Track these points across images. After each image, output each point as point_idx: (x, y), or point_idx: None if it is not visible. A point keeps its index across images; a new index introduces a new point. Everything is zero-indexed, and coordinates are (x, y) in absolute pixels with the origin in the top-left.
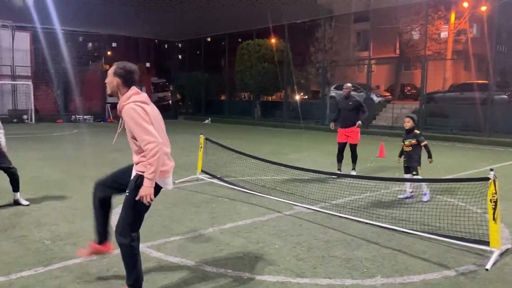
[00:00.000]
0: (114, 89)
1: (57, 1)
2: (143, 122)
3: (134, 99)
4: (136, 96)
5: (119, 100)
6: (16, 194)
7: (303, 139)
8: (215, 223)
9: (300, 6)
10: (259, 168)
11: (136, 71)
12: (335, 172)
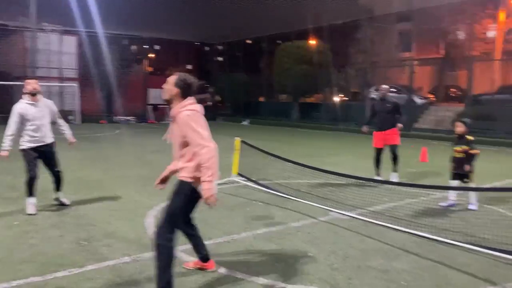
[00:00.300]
0: (171, 97)
1: (102, 6)
2: (199, 128)
3: (190, 107)
4: (192, 105)
5: (173, 107)
6: (59, 193)
7: (342, 142)
8: (249, 228)
9: (340, 7)
10: (294, 171)
11: (195, 84)
12: (373, 179)
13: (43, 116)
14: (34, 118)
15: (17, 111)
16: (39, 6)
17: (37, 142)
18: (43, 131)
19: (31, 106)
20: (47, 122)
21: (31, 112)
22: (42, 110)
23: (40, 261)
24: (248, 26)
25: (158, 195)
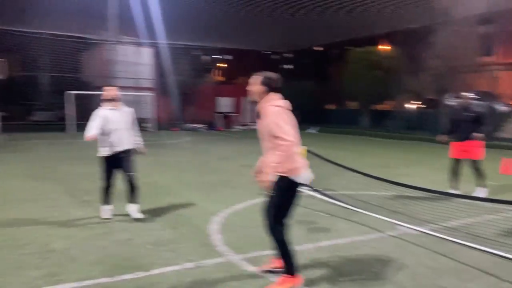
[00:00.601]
0: (258, 96)
1: (176, 19)
2: (281, 122)
3: (275, 103)
4: (277, 101)
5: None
6: (131, 205)
7: (415, 152)
8: (312, 240)
9: (415, 11)
10: (362, 182)
11: (277, 79)
12: (448, 192)
13: (122, 122)
14: (114, 123)
15: (98, 115)
16: (118, 20)
17: (115, 148)
18: (121, 137)
19: (111, 111)
20: (126, 128)
21: (111, 117)
22: (122, 116)
23: (110, 263)
24: (317, 33)
25: (223, 202)
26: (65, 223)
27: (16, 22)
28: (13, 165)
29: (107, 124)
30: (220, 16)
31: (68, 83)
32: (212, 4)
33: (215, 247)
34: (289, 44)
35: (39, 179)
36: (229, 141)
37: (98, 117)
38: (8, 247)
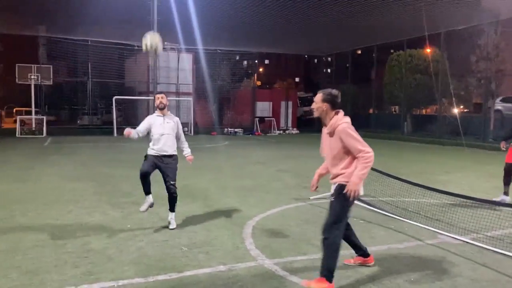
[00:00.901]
0: (322, 113)
1: (216, 26)
2: (357, 137)
3: (345, 120)
4: (346, 118)
5: (325, 122)
6: (170, 214)
7: (459, 158)
8: (347, 246)
9: (461, 12)
10: (401, 188)
11: (339, 96)
12: (492, 200)
13: (165, 128)
14: (158, 129)
15: (147, 119)
16: (160, 27)
17: (158, 152)
18: (164, 143)
19: (158, 117)
20: (170, 135)
21: (156, 123)
22: (167, 123)
23: (145, 263)
24: (358, 36)
25: (258, 206)
26: (104, 223)
27: (63, 30)
28: (58, 167)
29: (152, 128)
30: (259, 21)
31: (112, 88)
32: (251, 9)
33: (249, 251)
34: (329, 47)
35: (81, 181)
36: (266, 146)
37: (146, 120)
38: (49, 246)
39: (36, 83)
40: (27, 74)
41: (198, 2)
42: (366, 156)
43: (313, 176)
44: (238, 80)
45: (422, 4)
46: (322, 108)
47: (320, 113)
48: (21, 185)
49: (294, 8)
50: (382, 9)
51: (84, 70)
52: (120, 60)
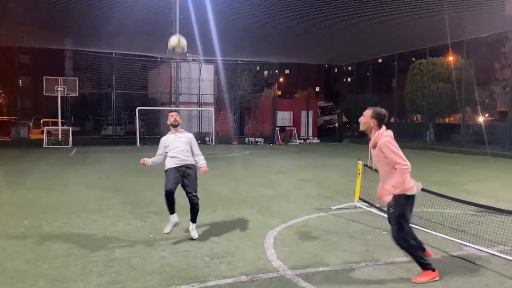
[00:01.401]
0: (369, 127)
1: (237, 37)
2: (397, 150)
3: (387, 133)
4: (388, 131)
5: (370, 136)
6: (192, 225)
7: (484, 167)
8: (369, 257)
9: (484, 19)
10: (424, 199)
11: (386, 115)
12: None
13: (179, 142)
14: (173, 145)
15: (161, 142)
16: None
17: (178, 163)
18: (183, 155)
19: (170, 135)
20: (184, 148)
21: (170, 140)
22: (179, 138)
23: (167, 273)
24: (379, 45)
25: (280, 216)
26: (128, 232)
27: (89, 43)
28: (83, 176)
29: (168, 146)
30: (279, 32)
31: (136, 99)
32: (271, 21)
33: (270, 261)
34: (349, 57)
35: (106, 190)
36: (287, 155)
37: (161, 142)
38: (75, 255)
39: (62, 95)
40: (54, 86)
41: (219, 15)
42: (401, 168)
43: (334, 185)
44: (258, 90)
45: (444, 12)
46: (370, 123)
47: (367, 128)
48: (48, 194)
49: (314, 18)
50: (404, 18)
51: (109, 81)
52: (143, 71)
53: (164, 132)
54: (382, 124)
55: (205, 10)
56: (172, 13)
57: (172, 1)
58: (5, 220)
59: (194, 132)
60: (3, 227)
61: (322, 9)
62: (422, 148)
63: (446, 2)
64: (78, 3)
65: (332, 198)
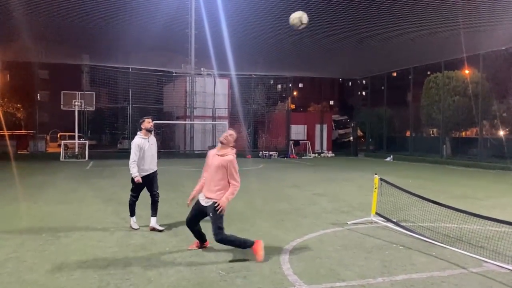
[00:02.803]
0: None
1: (251, 52)
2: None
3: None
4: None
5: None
6: (152, 219)
7: (503, 182)
8: (386, 273)
9: (500, 32)
10: (442, 213)
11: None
12: None
13: (152, 149)
14: (148, 152)
15: (136, 143)
16: (198, 54)
17: (146, 172)
18: (151, 162)
19: (145, 140)
20: (154, 154)
21: (145, 146)
22: (152, 146)
23: (183, 287)
24: (393, 59)
25: (295, 231)
26: (144, 246)
27: (106, 58)
28: (100, 190)
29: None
30: (293, 46)
31: (151, 113)
32: (285, 36)
33: (286, 276)
34: (364, 70)
35: (122, 204)
36: (301, 169)
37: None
38: (93, 267)
39: (79, 109)
40: (71, 101)
41: (233, 30)
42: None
43: (350, 200)
44: (272, 104)
45: (460, 26)
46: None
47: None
48: (65, 207)
49: (328, 33)
50: (419, 32)
51: (125, 96)
52: (159, 86)
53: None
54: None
55: (219, 25)
56: (187, 29)
57: (187, 17)
58: (24, 233)
59: (209, 146)
60: (22, 239)
61: (336, 24)
62: (438, 163)
63: (462, 16)
64: (96, 20)
65: (348, 212)
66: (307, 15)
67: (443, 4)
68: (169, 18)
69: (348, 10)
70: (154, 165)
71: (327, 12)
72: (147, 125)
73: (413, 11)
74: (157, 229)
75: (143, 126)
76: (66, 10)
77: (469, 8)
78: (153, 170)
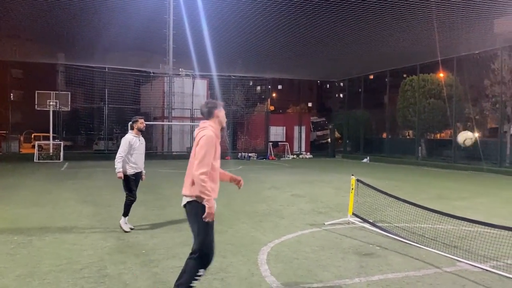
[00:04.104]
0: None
1: (230, 53)
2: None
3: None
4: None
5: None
6: (123, 218)
7: (476, 183)
8: (363, 273)
9: (474, 37)
10: (417, 214)
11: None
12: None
13: (142, 148)
14: (139, 150)
15: (128, 139)
16: (176, 54)
17: (136, 169)
18: (141, 162)
19: (136, 138)
20: (143, 153)
21: (136, 144)
22: (142, 145)
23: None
24: (371, 62)
25: (273, 232)
26: (120, 248)
27: (82, 58)
28: (74, 192)
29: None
30: (273, 48)
31: (128, 114)
32: (264, 38)
33: (264, 277)
34: (342, 73)
35: (97, 205)
36: (280, 170)
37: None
38: (66, 271)
39: (54, 109)
40: (46, 101)
41: (213, 31)
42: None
43: (327, 201)
44: (251, 105)
45: (435, 30)
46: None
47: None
48: (39, 210)
49: (307, 36)
50: (395, 35)
51: (101, 96)
52: (136, 86)
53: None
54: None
55: (198, 25)
56: (165, 29)
57: (166, 17)
58: None
59: (187, 147)
60: None
61: (315, 27)
62: (413, 164)
63: (436, 21)
64: (73, 20)
65: (326, 213)
66: None
67: (419, 9)
68: (147, 18)
69: (325, 14)
70: (143, 164)
71: (305, 16)
72: (140, 126)
73: (390, 16)
74: (123, 229)
75: (135, 125)
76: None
77: (444, 13)
78: (141, 169)
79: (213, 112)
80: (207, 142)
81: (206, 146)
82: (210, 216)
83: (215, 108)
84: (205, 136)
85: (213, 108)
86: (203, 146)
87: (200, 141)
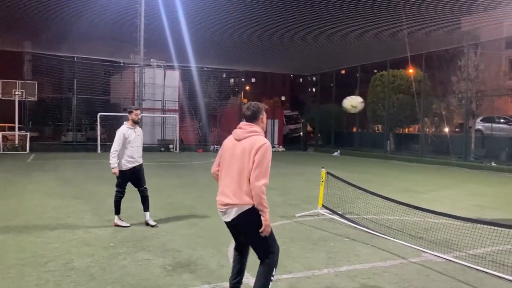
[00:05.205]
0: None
1: (202, 44)
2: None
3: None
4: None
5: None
6: (146, 214)
7: (442, 177)
8: (331, 264)
9: (442, 34)
10: (385, 206)
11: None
12: (473, 219)
13: (138, 140)
14: (135, 143)
15: (122, 131)
16: (147, 44)
17: (133, 163)
18: (138, 155)
19: (131, 130)
20: (140, 146)
21: (131, 136)
22: (139, 137)
23: (128, 283)
24: (342, 57)
25: None
26: (88, 241)
27: (49, 46)
28: (41, 184)
29: (128, 141)
30: (246, 40)
31: (97, 105)
32: (238, 29)
33: None
34: (314, 67)
35: (64, 198)
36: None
37: (122, 134)
38: (31, 264)
39: (20, 99)
40: (12, 90)
41: (186, 21)
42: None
43: (299, 193)
44: (224, 98)
45: (404, 27)
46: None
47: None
48: (2, 202)
49: (279, 29)
50: (366, 31)
51: (69, 86)
52: (106, 76)
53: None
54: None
55: (171, 15)
56: (136, 19)
57: (137, 6)
58: None
59: (158, 139)
60: None
61: (287, 20)
62: (382, 158)
63: (406, 17)
64: (40, 7)
65: (296, 205)
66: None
67: (388, 6)
68: (118, 6)
69: (296, 8)
70: (140, 157)
71: (276, 9)
72: (135, 117)
73: (361, 11)
74: (150, 224)
75: (130, 117)
76: None
77: (412, 10)
78: (140, 163)
79: (258, 117)
80: (269, 152)
81: (269, 156)
82: (267, 228)
83: (259, 112)
84: (266, 145)
85: (258, 113)
86: (265, 156)
87: (260, 149)
